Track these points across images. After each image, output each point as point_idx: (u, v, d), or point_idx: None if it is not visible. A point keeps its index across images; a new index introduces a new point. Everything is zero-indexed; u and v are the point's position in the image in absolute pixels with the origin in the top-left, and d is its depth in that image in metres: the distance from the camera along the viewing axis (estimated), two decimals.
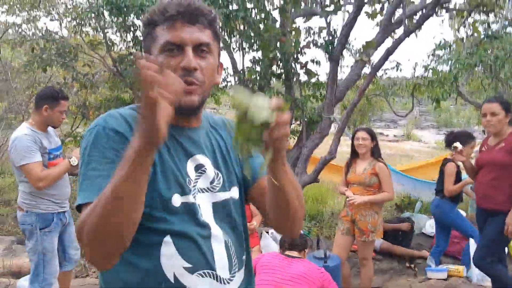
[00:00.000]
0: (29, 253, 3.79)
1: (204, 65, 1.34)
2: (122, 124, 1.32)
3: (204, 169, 1.41)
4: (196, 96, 1.34)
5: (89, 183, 1.24)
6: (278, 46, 6.47)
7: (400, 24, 6.60)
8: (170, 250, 1.30)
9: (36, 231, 3.68)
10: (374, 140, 4.68)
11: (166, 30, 1.33)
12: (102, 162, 1.25)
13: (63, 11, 8.35)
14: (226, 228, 1.42)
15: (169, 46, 1.32)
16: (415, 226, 6.84)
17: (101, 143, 1.27)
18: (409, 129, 24.27)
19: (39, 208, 3.70)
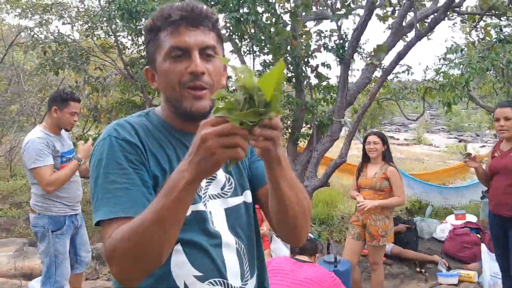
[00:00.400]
0: (41, 255, 3.80)
1: (211, 68, 1.32)
2: (133, 134, 1.31)
3: (214, 175, 1.39)
4: (207, 101, 1.32)
5: (111, 197, 1.22)
6: (288, 49, 6.47)
7: (411, 28, 6.59)
8: (180, 258, 1.29)
9: (48, 233, 3.70)
10: (386, 144, 4.67)
11: (170, 35, 1.30)
12: (120, 174, 1.24)
13: (75, 15, 8.40)
14: (238, 234, 1.40)
15: (174, 51, 1.30)
16: (425, 231, 6.81)
17: (116, 155, 1.26)
18: (420, 133, 24.14)
19: (51, 211, 3.71)
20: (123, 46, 8.06)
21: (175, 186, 1.07)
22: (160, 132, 1.36)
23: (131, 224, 1.13)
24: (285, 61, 6.74)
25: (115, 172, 1.24)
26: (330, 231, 7.23)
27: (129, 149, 1.27)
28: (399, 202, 4.62)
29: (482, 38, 8.04)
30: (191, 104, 1.30)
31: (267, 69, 7.00)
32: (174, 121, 1.39)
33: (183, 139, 1.37)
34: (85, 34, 8.24)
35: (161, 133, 1.36)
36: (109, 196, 1.22)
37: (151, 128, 1.36)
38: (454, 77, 5.94)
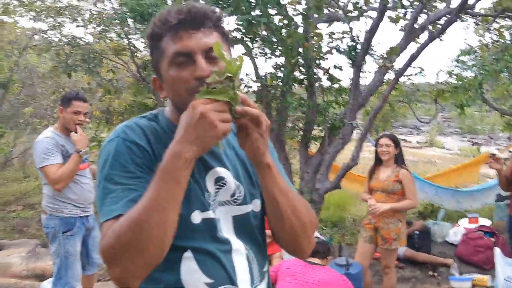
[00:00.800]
0: (52, 256, 3.83)
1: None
2: (142, 137, 1.29)
3: (224, 182, 1.37)
4: None
5: (115, 196, 1.21)
6: (300, 51, 6.46)
7: (423, 30, 6.55)
8: (191, 265, 1.28)
9: (59, 234, 3.71)
10: (398, 147, 4.63)
11: (171, 41, 1.27)
12: (125, 176, 1.23)
13: (88, 17, 8.46)
14: (247, 241, 1.38)
15: (177, 57, 1.26)
16: (438, 234, 6.75)
17: (122, 157, 1.25)
18: (432, 136, 23.96)
19: (62, 212, 3.73)
20: (135, 49, 8.09)
21: (173, 168, 1.11)
22: (168, 136, 1.31)
23: (129, 217, 1.12)
24: (297, 63, 6.73)
25: (120, 174, 1.24)
26: (342, 234, 7.20)
27: (137, 151, 1.26)
28: (411, 205, 4.57)
29: (495, 40, 7.97)
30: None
31: (279, 71, 7.00)
32: None
33: None
34: (98, 36, 8.29)
35: (167, 136, 1.31)
36: (112, 196, 1.22)
37: (160, 132, 1.34)
38: (468, 80, 5.90)
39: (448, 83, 7.23)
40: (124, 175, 1.23)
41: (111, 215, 1.19)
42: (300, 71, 6.99)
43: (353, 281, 3.88)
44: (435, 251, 6.43)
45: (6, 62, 9.82)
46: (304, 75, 6.95)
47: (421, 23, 6.67)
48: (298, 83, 7.15)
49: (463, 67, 7.49)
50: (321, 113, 6.91)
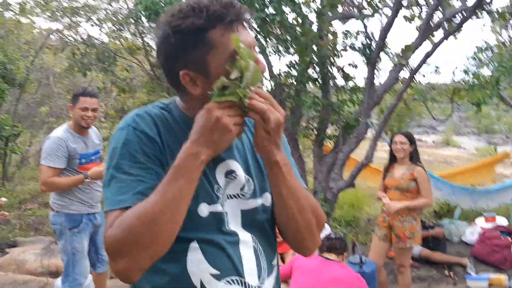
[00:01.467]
0: (61, 253, 3.83)
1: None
2: (152, 127, 1.26)
3: (234, 175, 1.35)
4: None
5: (123, 186, 1.20)
6: (315, 49, 6.43)
7: (439, 27, 6.49)
8: (197, 256, 1.26)
9: (66, 231, 3.69)
10: (413, 144, 4.56)
11: (226, 35, 1.20)
12: (134, 166, 1.21)
13: (103, 17, 8.52)
14: (255, 235, 1.36)
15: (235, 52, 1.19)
16: (454, 234, 6.68)
17: (132, 146, 1.23)
18: (449, 135, 23.75)
19: (68, 209, 3.71)
20: (150, 48, 8.13)
21: (189, 168, 1.15)
22: (179, 126, 1.31)
23: (141, 210, 1.12)
24: (311, 61, 6.71)
25: (129, 163, 1.22)
26: (356, 233, 7.15)
27: (146, 142, 1.24)
28: (425, 204, 4.50)
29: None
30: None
31: (293, 69, 6.98)
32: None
33: None
34: (112, 36, 8.35)
35: (179, 127, 1.31)
36: (120, 186, 1.20)
37: (172, 122, 1.31)
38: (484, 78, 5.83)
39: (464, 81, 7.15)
40: (133, 165, 1.21)
41: (118, 205, 1.18)
42: (314, 69, 6.97)
43: (367, 279, 3.83)
44: (451, 251, 6.35)
45: (23, 62, 9.92)
46: (318, 74, 6.92)
47: (437, 20, 6.61)
48: (313, 82, 7.12)
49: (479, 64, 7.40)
50: (335, 112, 6.88)
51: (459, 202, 7.76)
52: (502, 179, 10.67)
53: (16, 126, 8.86)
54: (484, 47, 6.17)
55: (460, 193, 7.84)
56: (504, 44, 7.96)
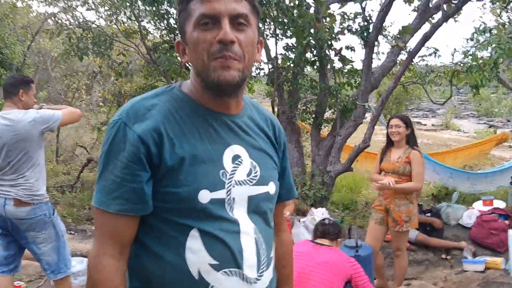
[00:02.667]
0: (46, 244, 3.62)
1: (242, 38, 1.23)
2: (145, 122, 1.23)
3: (240, 160, 1.32)
4: (236, 72, 1.23)
5: (105, 186, 1.23)
6: (312, 32, 6.38)
7: (438, 9, 6.42)
8: (196, 244, 1.24)
9: (50, 218, 3.60)
10: (409, 128, 4.53)
11: (199, 3, 1.22)
12: (118, 166, 1.21)
13: (99, 1, 8.45)
14: (258, 224, 1.34)
15: (204, 19, 1.21)
16: (452, 217, 6.68)
17: (119, 146, 1.22)
18: (448, 119, 23.69)
19: (45, 197, 3.62)
20: (146, 31, 8.07)
21: None
22: (183, 112, 1.28)
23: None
24: (308, 44, 6.66)
25: (114, 162, 1.21)
26: (353, 217, 7.16)
27: (133, 141, 1.21)
28: (415, 187, 4.42)
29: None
30: (219, 74, 1.22)
31: (290, 52, 6.94)
32: (202, 98, 1.31)
33: (209, 118, 1.30)
34: (109, 19, 8.28)
35: (184, 113, 1.28)
36: (105, 184, 1.23)
37: (173, 108, 1.28)
38: (483, 59, 5.79)
39: (464, 63, 7.11)
40: (117, 165, 1.21)
41: (100, 206, 1.23)
42: (312, 52, 6.92)
43: (363, 263, 3.83)
44: (448, 234, 6.36)
45: (19, 47, 9.86)
46: (316, 57, 6.88)
47: (435, 2, 6.54)
48: (310, 65, 7.08)
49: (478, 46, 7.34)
50: (333, 95, 6.85)
51: (457, 185, 7.77)
52: (500, 162, 10.67)
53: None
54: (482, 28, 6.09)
55: (458, 177, 7.84)
56: (504, 26, 7.88)
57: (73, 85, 10.73)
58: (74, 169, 9.58)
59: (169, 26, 7.43)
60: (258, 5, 1.31)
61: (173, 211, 1.23)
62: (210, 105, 1.31)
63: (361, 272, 3.27)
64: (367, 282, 3.26)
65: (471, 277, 4.99)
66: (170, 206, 1.22)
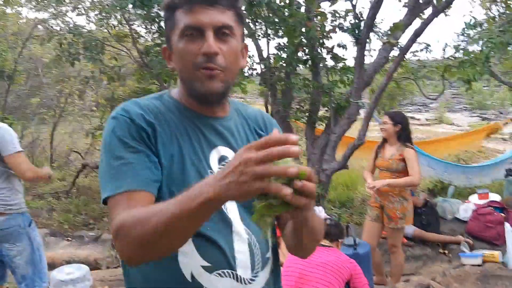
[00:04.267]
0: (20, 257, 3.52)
1: (226, 49, 1.27)
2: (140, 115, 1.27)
3: (227, 161, 1.32)
4: (219, 82, 1.28)
5: (114, 173, 1.21)
6: (303, 31, 6.38)
7: (428, 4, 6.43)
8: (188, 247, 1.24)
9: (25, 229, 3.50)
10: (399, 125, 4.55)
11: (185, 13, 1.27)
12: (124, 150, 1.22)
13: (89, 5, 8.42)
14: (252, 224, 1.33)
15: (188, 30, 1.26)
16: (448, 211, 6.71)
17: (120, 133, 1.24)
18: (441, 113, 23.75)
19: (22, 207, 3.53)
20: (137, 35, 8.04)
21: (195, 198, 1.01)
22: (173, 114, 1.33)
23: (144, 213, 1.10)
24: (300, 43, 6.66)
25: (120, 148, 1.23)
26: (350, 214, 7.18)
27: (134, 128, 1.25)
28: (411, 182, 4.43)
29: (502, 13, 7.82)
30: (203, 85, 1.27)
31: (282, 52, 6.93)
32: (189, 103, 1.36)
33: (197, 122, 1.34)
34: (99, 24, 8.24)
35: (173, 115, 1.32)
36: (113, 173, 1.21)
37: (163, 110, 1.32)
38: (475, 54, 5.80)
39: (455, 57, 7.12)
40: (123, 149, 1.22)
41: (113, 191, 1.19)
42: (304, 51, 6.92)
43: (362, 260, 3.85)
44: (445, 229, 6.39)
45: (10, 54, 9.80)
46: (308, 55, 6.88)
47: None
48: (302, 64, 7.08)
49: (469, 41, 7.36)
50: (326, 93, 6.85)
51: (452, 179, 7.80)
52: (494, 154, 10.71)
53: (6, 118, 8.78)
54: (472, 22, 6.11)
55: (453, 171, 7.88)
56: (494, 19, 7.90)
57: (66, 90, 10.68)
58: (69, 174, 9.55)
59: (161, 29, 7.40)
60: (242, 12, 1.35)
61: None
62: (197, 109, 1.36)
63: (361, 274, 3.27)
64: (366, 285, 3.26)
65: (469, 271, 5.02)
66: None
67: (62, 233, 6.51)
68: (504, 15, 7.26)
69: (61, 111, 10.85)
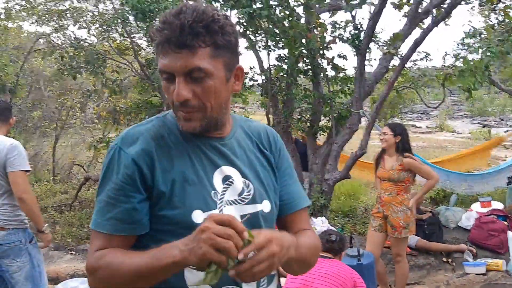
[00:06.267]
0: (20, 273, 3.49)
1: (200, 91, 1.25)
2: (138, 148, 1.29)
3: (231, 181, 1.36)
4: (197, 122, 1.29)
5: (100, 208, 1.29)
6: (304, 42, 6.42)
7: (427, 14, 6.47)
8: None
9: (26, 245, 3.47)
10: (398, 135, 4.58)
11: (161, 55, 1.26)
12: (112, 189, 1.28)
13: (90, 19, 8.47)
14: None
15: (162, 74, 1.28)
16: (450, 220, 6.70)
17: (114, 169, 1.29)
18: (442, 120, 23.77)
19: (23, 223, 3.52)
20: (138, 47, 8.10)
21: (164, 257, 1.16)
22: (174, 136, 1.34)
23: (116, 261, 1.23)
24: (301, 54, 6.71)
25: (110, 185, 1.29)
26: (354, 224, 7.17)
27: (130, 165, 1.28)
28: (431, 184, 4.70)
29: (501, 21, 7.85)
30: (182, 124, 1.30)
31: (283, 63, 6.97)
32: None
33: (198, 142, 1.35)
34: (101, 37, 8.30)
35: (175, 138, 1.34)
36: (100, 206, 1.30)
37: (164, 133, 1.34)
38: (475, 61, 5.82)
39: (455, 66, 7.14)
40: (112, 186, 1.28)
41: (96, 228, 1.30)
42: (304, 62, 6.96)
43: (366, 270, 3.86)
44: (448, 237, 6.38)
45: (12, 67, 9.85)
46: (309, 66, 6.92)
47: (425, 7, 6.58)
48: (303, 74, 7.12)
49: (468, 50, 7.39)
50: (327, 103, 6.89)
51: (455, 188, 7.79)
52: (496, 162, 10.71)
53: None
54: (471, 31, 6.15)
55: (455, 179, 7.86)
56: (493, 28, 7.94)
57: (67, 103, 10.72)
58: (72, 188, 9.55)
59: None
60: (223, 41, 1.27)
61: (169, 233, 1.27)
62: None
63: (363, 284, 3.27)
64: None
65: (473, 280, 5.02)
66: (166, 228, 1.28)
67: (66, 246, 6.50)
68: (503, 23, 7.29)
69: (62, 124, 10.88)
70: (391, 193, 4.54)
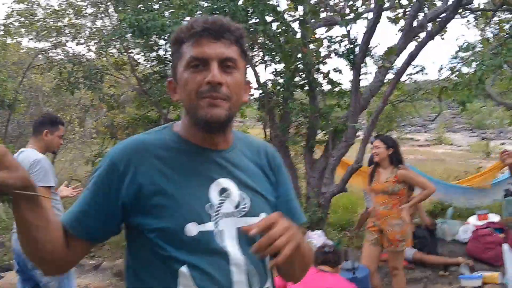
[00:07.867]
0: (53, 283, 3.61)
1: (230, 81, 1.31)
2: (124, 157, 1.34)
3: (228, 193, 1.37)
4: (223, 110, 1.31)
5: (72, 207, 1.36)
6: (299, 57, 6.47)
7: (422, 28, 6.52)
8: (187, 281, 1.27)
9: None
10: (391, 148, 4.61)
11: (191, 46, 1.32)
12: (88, 190, 1.35)
13: (88, 35, 8.55)
14: (251, 255, 1.34)
15: (194, 61, 1.31)
16: (447, 233, 6.69)
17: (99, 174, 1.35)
18: (441, 133, 23.78)
19: None
20: (136, 63, 8.16)
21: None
22: (171, 148, 1.37)
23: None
24: (297, 68, 6.75)
25: (90, 187, 1.36)
26: (350, 237, 7.16)
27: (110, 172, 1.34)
28: (425, 195, 4.64)
29: (496, 34, 7.93)
30: (206, 112, 1.30)
31: (279, 77, 7.02)
32: (190, 135, 1.39)
33: (195, 156, 1.37)
34: (99, 53, 8.36)
35: (171, 149, 1.37)
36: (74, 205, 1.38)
37: (159, 145, 1.37)
38: (470, 75, 5.86)
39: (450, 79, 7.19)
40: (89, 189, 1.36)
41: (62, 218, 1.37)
42: (301, 76, 7.01)
43: (360, 284, 3.86)
44: (444, 250, 6.37)
45: (11, 83, 9.90)
46: (305, 80, 6.96)
47: (420, 21, 6.64)
48: (299, 88, 7.16)
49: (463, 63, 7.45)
50: (323, 117, 6.91)
51: (453, 200, 7.79)
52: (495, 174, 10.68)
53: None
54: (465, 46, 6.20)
55: (453, 192, 7.87)
56: (489, 41, 8.00)
57: (66, 118, 10.76)
58: (70, 203, 9.53)
59: (159, 57, 7.52)
60: (246, 49, 1.40)
61: (163, 245, 1.28)
62: (198, 142, 1.39)
63: None
64: None
65: None
66: (160, 241, 1.28)
67: None
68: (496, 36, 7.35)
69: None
70: (387, 206, 4.54)
